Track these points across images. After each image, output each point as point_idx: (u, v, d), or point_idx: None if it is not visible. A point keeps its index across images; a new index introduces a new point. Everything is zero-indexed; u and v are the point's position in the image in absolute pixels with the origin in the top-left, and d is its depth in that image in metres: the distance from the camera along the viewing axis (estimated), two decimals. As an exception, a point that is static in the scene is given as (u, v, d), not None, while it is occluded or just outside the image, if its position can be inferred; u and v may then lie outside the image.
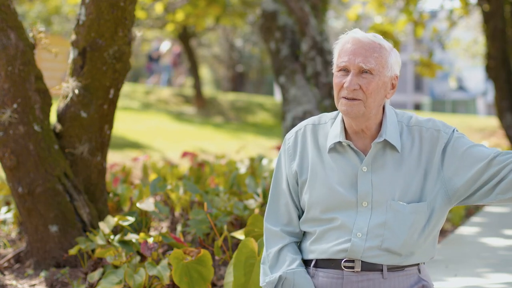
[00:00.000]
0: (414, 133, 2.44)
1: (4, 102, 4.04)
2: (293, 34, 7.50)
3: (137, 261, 3.62)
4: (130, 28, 4.23)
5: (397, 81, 2.45)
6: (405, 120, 2.47)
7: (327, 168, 2.45)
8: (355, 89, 2.36)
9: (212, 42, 32.58)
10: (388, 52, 2.41)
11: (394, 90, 2.45)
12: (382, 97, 2.40)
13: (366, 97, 2.36)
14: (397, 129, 2.44)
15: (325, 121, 2.53)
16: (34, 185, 4.07)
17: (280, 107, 18.02)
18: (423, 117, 2.49)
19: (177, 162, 10.60)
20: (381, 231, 2.38)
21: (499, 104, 11.76)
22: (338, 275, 2.42)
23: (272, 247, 2.52)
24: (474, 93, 50.07)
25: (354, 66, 2.36)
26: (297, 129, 2.56)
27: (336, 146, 2.46)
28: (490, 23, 11.61)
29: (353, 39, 2.40)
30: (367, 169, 2.41)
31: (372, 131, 2.44)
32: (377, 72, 2.37)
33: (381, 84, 2.38)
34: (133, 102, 20.75)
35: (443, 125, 2.45)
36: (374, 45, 2.39)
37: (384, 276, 2.40)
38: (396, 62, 2.44)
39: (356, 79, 2.36)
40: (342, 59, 2.39)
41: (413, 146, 2.43)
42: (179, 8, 17.06)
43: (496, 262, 4.53)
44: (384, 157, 2.42)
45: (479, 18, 17.23)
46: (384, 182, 2.40)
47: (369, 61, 2.36)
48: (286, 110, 7.40)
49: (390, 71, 2.41)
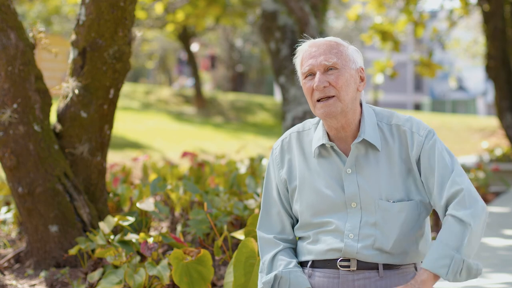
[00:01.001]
0: (394, 131, 2.45)
1: (4, 102, 4.04)
2: (293, 34, 7.50)
3: (137, 261, 3.62)
4: (130, 28, 4.23)
5: (364, 74, 2.47)
6: (385, 118, 2.48)
7: (314, 173, 2.47)
8: (325, 86, 2.38)
9: (212, 42, 32.58)
10: (346, 47, 2.44)
11: (364, 83, 2.46)
12: (354, 89, 2.42)
13: (338, 91, 2.38)
14: (376, 127, 2.44)
15: (309, 127, 2.55)
16: (34, 185, 4.07)
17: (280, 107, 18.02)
18: (403, 115, 2.49)
19: (177, 162, 10.60)
20: (372, 231, 2.40)
21: (499, 104, 11.76)
22: (335, 274, 2.44)
23: (267, 254, 2.54)
24: (474, 93, 50.08)
25: (318, 67, 2.39)
26: (283, 138, 2.59)
27: (321, 151, 2.47)
28: (490, 23, 11.61)
29: (309, 44, 2.46)
30: (351, 171, 2.42)
31: (352, 130, 2.45)
32: (341, 65, 2.40)
33: (349, 77, 2.40)
34: (133, 102, 20.74)
35: (417, 127, 2.43)
36: (331, 43, 2.43)
37: (380, 274, 2.41)
38: (357, 55, 2.46)
39: (324, 77, 2.39)
40: (304, 66, 2.43)
41: (394, 144, 2.43)
42: (179, 8, 17.07)
43: (496, 262, 4.53)
44: (366, 157, 2.43)
45: (479, 18, 17.23)
46: (369, 182, 2.41)
47: (330, 57, 2.39)
48: (286, 110, 7.40)
49: (354, 64, 2.43)
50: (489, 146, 13.62)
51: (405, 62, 39.31)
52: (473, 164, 10.11)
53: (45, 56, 9.95)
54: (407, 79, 46.51)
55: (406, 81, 46.59)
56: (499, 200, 8.17)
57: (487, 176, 8.65)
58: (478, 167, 9.15)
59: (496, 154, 11.40)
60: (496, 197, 8.54)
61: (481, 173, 8.70)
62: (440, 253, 2.30)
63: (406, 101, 45.45)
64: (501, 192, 9.00)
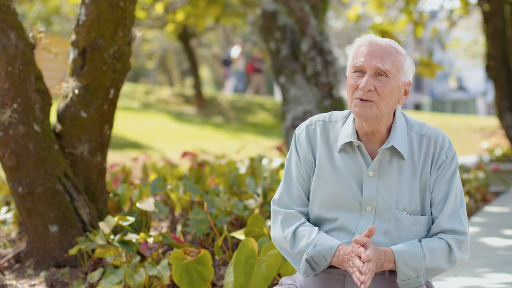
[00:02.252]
0: (423, 142, 2.44)
1: (4, 102, 4.04)
2: (293, 34, 7.50)
3: (137, 261, 3.62)
4: (130, 28, 4.22)
5: (409, 88, 2.45)
6: (415, 127, 2.47)
7: (336, 168, 2.45)
8: (370, 90, 2.35)
9: (212, 42, 32.57)
10: (404, 57, 2.41)
11: (406, 96, 2.45)
12: (395, 101, 2.41)
13: (380, 99, 2.36)
14: (405, 136, 2.43)
15: (336, 119, 2.52)
16: (34, 185, 4.07)
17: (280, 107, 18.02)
18: (434, 127, 2.48)
19: (177, 162, 10.60)
20: (381, 239, 2.39)
21: (499, 104, 11.76)
22: (340, 275, 2.43)
23: (288, 228, 2.47)
24: (474, 93, 50.06)
25: (370, 67, 2.36)
26: (308, 124, 2.54)
27: (346, 147, 2.45)
28: (490, 23, 11.60)
29: (370, 41, 2.41)
30: (373, 174, 2.41)
31: (382, 135, 2.43)
32: (392, 75, 2.37)
33: (396, 88, 2.39)
34: (133, 102, 20.75)
35: (448, 145, 2.44)
36: (391, 48, 2.40)
37: (386, 276, 2.41)
38: (410, 68, 2.44)
39: (372, 80, 2.36)
40: (358, 60, 2.39)
41: (420, 155, 2.42)
42: (179, 8, 17.06)
43: (496, 262, 4.53)
44: (390, 164, 2.41)
45: (479, 18, 17.23)
46: (389, 189, 2.40)
47: (386, 63, 2.36)
48: (286, 110, 7.40)
49: (404, 77, 2.41)
50: (489, 146, 13.62)
51: (405, 62, 39.24)
52: (473, 164, 10.11)
53: (45, 56, 9.95)
54: (407, 79, 46.43)
55: (406, 81, 46.52)
56: (499, 200, 8.17)
57: (487, 176, 8.64)
58: (478, 167, 9.14)
59: (496, 154, 11.40)
60: (496, 197, 8.54)
61: (481, 173, 8.70)
62: (415, 262, 2.32)
63: (406, 101, 45.39)
64: (501, 192, 9.00)
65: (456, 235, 2.37)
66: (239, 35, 31.39)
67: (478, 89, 49.74)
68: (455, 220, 2.38)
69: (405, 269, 2.31)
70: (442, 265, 2.35)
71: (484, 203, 7.93)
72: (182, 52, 29.60)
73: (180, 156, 7.52)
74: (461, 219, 2.39)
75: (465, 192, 7.51)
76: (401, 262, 2.31)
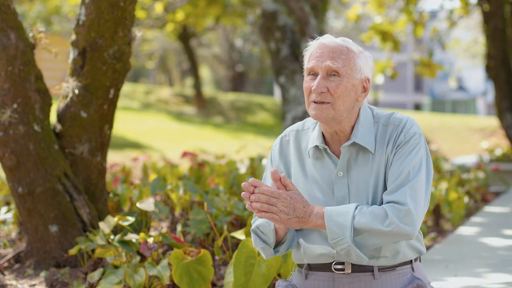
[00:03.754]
0: (388, 131, 2.42)
1: (4, 102, 4.04)
2: (293, 34, 7.50)
3: (137, 261, 3.62)
4: (130, 28, 4.22)
5: (369, 84, 2.42)
6: (382, 119, 2.44)
7: (307, 175, 2.47)
8: (323, 91, 2.35)
9: (212, 42, 32.58)
10: (357, 54, 2.39)
11: (366, 93, 2.43)
12: (352, 100, 2.39)
13: (334, 99, 2.35)
14: (371, 129, 2.42)
15: (308, 127, 2.53)
16: (34, 185, 4.07)
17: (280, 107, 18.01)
18: (402, 115, 2.45)
19: (177, 162, 10.60)
20: None
21: (499, 104, 11.77)
22: (330, 277, 2.43)
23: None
24: (474, 93, 50.07)
25: (321, 68, 2.36)
26: (282, 136, 2.58)
27: (315, 152, 2.46)
28: (490, 23, 11.61)
29: (321, 44, 2.41)
30: (343, 174, 2.41)
31: (346, 134, 2.43)
32: (345, 74, 2.36)
33: (350, 87, 2.37)
34: (133, 102, 20.75)
35: (408, 127, 2.39)
36: (341, 48, 2.38)
37: (375, 277, 2.40)
38: (366, 64, 2.41)
39: (324, 81, 2.36)
40: (310, 62, 2.40)
41: (384, 144, 2.40)
42: (179, 8, 17.07)
43: (496, 262, 4.53)
44: (357, 160, 2.41)
45: (479, 18, 17.23)
46: (360, 186, 2.39)
47: (337, 61, 2.35)
48: (286, 110, 7.40)
49: (359, 74, 2.39)
50: (489, 146, 13.62)
51: (405, 62, 39.32)
52: (473, 164, 10.11)
53: (45, 56, 9.94)
54: (407, 79, 46.51)
55: (406, 81, 46.59)
56: (499, 200, 8.18)
57: (487, 176, 8.65)
58: (478, 167, 9.15)
59: (496, 154, 11.40)
60: (496, 197, 8.54)
61: (481, 173, 8.70)
62: (342, 219, 2.29)
63: (406, 101, 45.43)
64: (501, 192, 9.00)
65: (395, 204, 2.31)
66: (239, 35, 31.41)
67: (478, 89, 49.76)
68: (398, 193, 2.32)
69: (331, 225, 2.29)
70: (374, 226, 2.28)
71: (484, 203, 7.94)
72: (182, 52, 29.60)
73: (180, 156, 7.52)
74: (406, 192, 2.31)
75: (465, 192, 7.51)
76: (329, 218, 2.30)
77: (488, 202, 7.99)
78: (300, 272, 2.52)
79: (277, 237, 2.44)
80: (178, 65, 38.92)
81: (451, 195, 6.49)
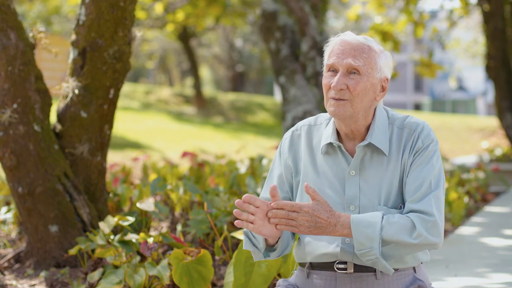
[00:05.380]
0: (404, 134, 2.41)
1: (4, 102, 4.04)
2: (293, 34, 7.50)
3: (137, 261, 3.62)
4: (130, 28, 4.22)
5: (387, 84, 2.42)
6: (397, 121, 2.44)
7: (319, 171, 2.45)
8: (342, 89, 2.34)
9: (212, 42, 32.58)
10: (378, 54, 2.39)
11: (384, 93, 2.42)
12: (370, 99, 2.39)
13: (353, 97, 2.34)
14: (386, 131, 2.41)
15: (321, 122, 2.52)
16: (34, 185, 4.07)
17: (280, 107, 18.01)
18: (418, 119, 2.45)
19: (177, 162, 10.60)
20: None
21: (499, 104, 11.77)
22: (332, 276, 2.43)
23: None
24: (474, 93, 50.08)
25: (342, 65, 2.36)
26: (294, 129, 2.56)
27: (328, 148, 2.45)
28: (490, 23, 11.61)
29: (342, 40, 2.40)
30: (355, 173, 2.40)
31: (361, 133, 2.42)
32: (365, 72, 2.35)
33: (369, 86, 2.37)
34: (133, 102, 20.75)
35: (426, 134, 2.39)
36: (363, 46, 2.38)
37: (378, 277, 2.40)
38: (386, 64, 2.41)
39: (344, 79, 2.35)
40: (331, 59, 2.39)
41: (400, 148, 2.40)
42: (179, 8, 17.07)
43: (496, 262, 4.53)
44: (371, 161, 2.40)
45: (479, 18, 17.22)
46: (371, 186, 2.39)
47: (357, 60, 2.35)
48: (286, 110, 7.40)
49: (379, 73, 2.39)
50: (489, 146, 13.62)
51: (405, 62, 39.30)
52: (473, 164, 10.11)
53: (45, 56, 9.94)
54: (407, 79, 46.51)
55: (406, 81, 46.59)
56: (499, 200, 8.18)
57: (487, 176, 8.65)
58: (478, 167, 9.15)
59: (496, 154, 11.40)
60: (496, 197, 8.54)
61: (481, 173, 8.70)
62: (370, 231, 2.26)
63: (406, 101, 45.44)
64: (501, 192, 9.00)
65: (422, 214, 2.31)
66: (239, 35, 31.41)
67: (478, 89, 49.76)
68: (424, 203, 2.32)
69: (359, 237, 2.27)
70: (403, 238, 2.27)
71: (484, 203, 7.94)
72: (182, 52, 29.59)
73: (180, 156, 7.53)
74: (431, 202, 2.32)
75: (465, 192, 7.51)
76: (356, 229, 2.27)
77: (488, 202, 7.99)
78: (301, 271, 2.52)
79: (267, 244, 2.42)
80: (178, 65, 38.92)
81: (451, 195, 6.50)
